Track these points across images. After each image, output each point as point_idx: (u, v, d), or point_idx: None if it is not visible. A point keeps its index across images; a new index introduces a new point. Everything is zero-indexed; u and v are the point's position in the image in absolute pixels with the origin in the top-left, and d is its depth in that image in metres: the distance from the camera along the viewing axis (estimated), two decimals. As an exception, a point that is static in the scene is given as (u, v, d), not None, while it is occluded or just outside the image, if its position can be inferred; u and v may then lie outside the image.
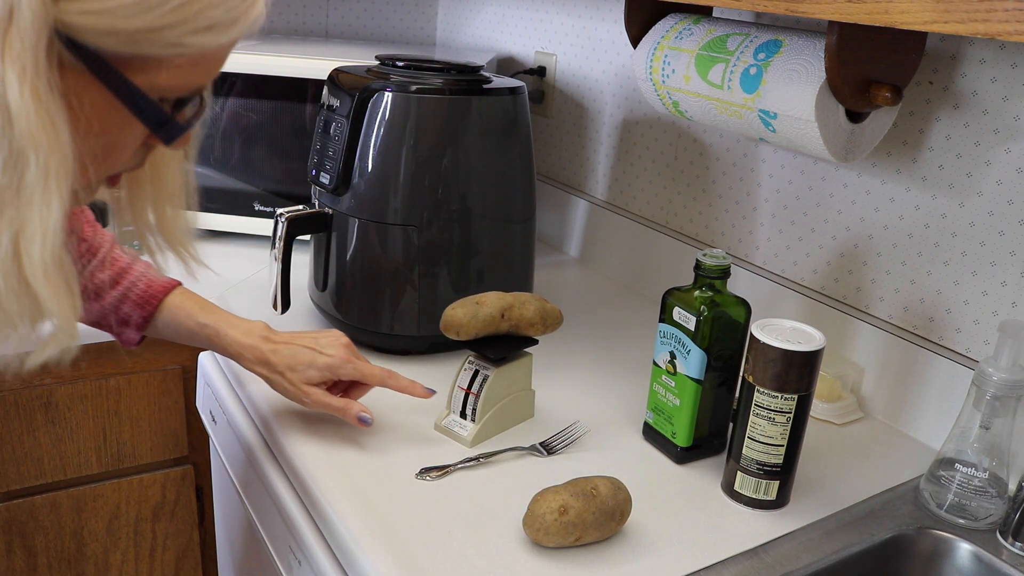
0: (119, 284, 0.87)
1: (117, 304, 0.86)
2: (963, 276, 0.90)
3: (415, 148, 0.99)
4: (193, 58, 0.51)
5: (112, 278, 0.86)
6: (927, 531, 0.78)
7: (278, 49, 1.38)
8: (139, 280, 0.87)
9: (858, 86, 0.81)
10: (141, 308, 0.87)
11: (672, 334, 0.83)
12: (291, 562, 0.84)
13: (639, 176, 1.33)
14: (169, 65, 0.50)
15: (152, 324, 0.87)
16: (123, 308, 0.86)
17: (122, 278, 0.87)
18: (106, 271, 0.86)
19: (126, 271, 0.87)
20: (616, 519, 0.72)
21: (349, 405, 0.83)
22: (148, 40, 0.48)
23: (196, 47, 0.50)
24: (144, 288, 0.87)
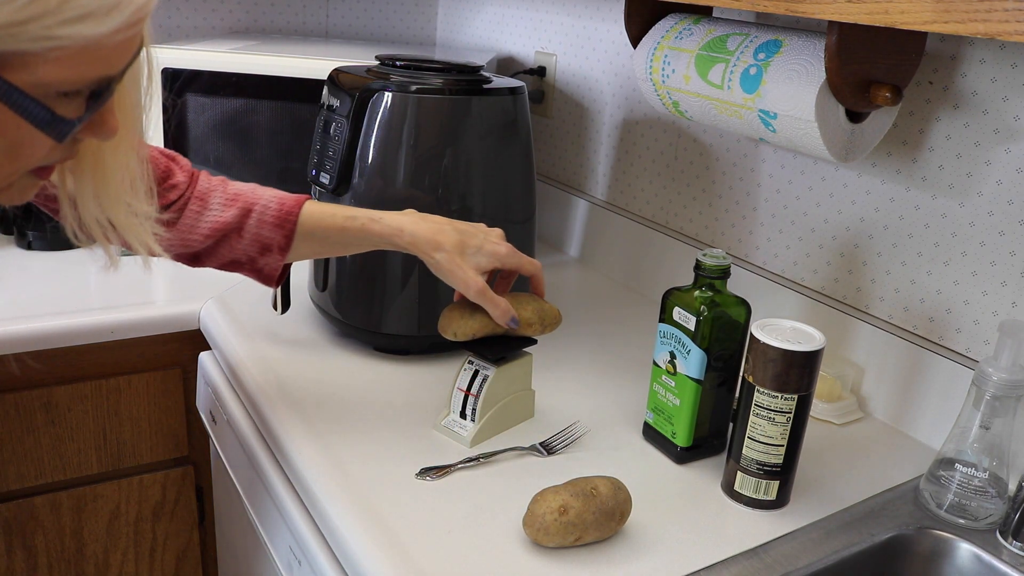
0: (251, 212, 0.83)
1: (255, 232, 0.83)
2: (963, 276, 0.90)
3: (415, 148, 0.99)
4: (75, 50, 0.49)
5: (242, 210, 0.83)
6: (927, 531, 0.78)
7: (278, 49, 1.38)
8: (271, 202, 0.84)
9: (858, 86, 0.81)
10: (280, 227, 0.83)
11: (672, 334, 0.83)
12: (291, 562, 0.84)
13: (639, 176, 1.33)
14: (47, 59, 0.48)
15: (293, 242, 0.84)
16: (262, 233, 0.83)
17: (252, 206, 0.83)
18: (232, 207, 0.83)
19: (253, 199, 0.84)
20: (616, 519, 0.72)
21: (508, 307, 0.82)
22: (12, 35, 0.46)
23: (73, 38, 0.48)
24: (278, 207, 0.84)
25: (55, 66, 0.49)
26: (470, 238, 0.82)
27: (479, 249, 0.82)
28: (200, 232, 0.83)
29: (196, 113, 1.30)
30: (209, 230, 0.83)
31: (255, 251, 0.84)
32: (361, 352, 1.05)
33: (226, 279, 1.23)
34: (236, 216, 0.83)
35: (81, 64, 0.50)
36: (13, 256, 1.29)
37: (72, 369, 1.12)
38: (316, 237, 0.84)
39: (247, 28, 1.72)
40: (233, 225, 0.83)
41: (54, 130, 0.52)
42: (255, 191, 0.85)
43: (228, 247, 0.84)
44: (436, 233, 0.81)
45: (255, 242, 0.84)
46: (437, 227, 0.82)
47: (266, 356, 1.02)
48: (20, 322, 1.06)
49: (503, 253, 0.83)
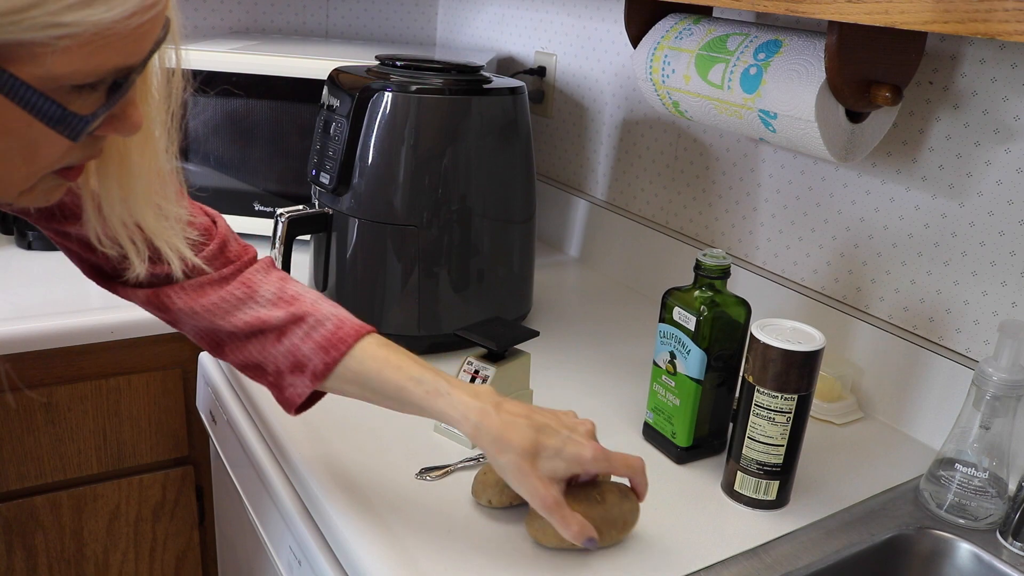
0: (302, 322, 0.70)
1: (296, 344, 0.70)
2: (963, 276, 0.90)
3: (415, 148, 0.99)
4: (86, 38, 0.45)
5: (292, 316, 0.71)
6: (927, 531, 0.78)
7: (278, 49, 1.38)
8: (327, 320, 0.71)
9: (858, 86, 0.81)
10: (325, 352, 0.70)
11: (672, 334, 0.83)
12: (291, 562, 0.84)
13: (639, 176, 1.33)
14: (56, 50, 0.45)
15: (335, 373, 0.70)
16: (302, 350, 0.70)
17: (305, 316, 0.71)
18: (282, 309, 0.71)
19: (310, 310, 0.71)
20: (618, 528, 0.71)
21: (586, 526, 0.66)
22: (14, 24, 0.43)
23: (82, 25, 0.45)
24: (333, 329, 0.70)
25: (65, 57, 0.46)
26: (548, 437, 0.67)
27: (558, 452, 0.67)
28: (236, 320, 0.71)
29: (196, 113, 1.30)
30: (245, 323, 0.71)
31: (286, 365, 0.71)
32: (361, 352, 1.05)
33: (226, 279, 1.23)
34: (283, 319, 0.71)
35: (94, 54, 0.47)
36: (13, 256, 1.29)
37: (72, 369, 1.12)
38: (369, 385, 0.70)
39: (247, 28, 1.72)
40: (275, 326, 0.71)
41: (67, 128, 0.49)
42: (317, 302, 0.72)
43: (259, 347, 0.72)
44: (506, 429, 0.66)
45: (290, 355, 0.71)
46: (510, 421, 0.67)
47: (266, 356, 1.01)
48: (20, 322, 1.06)
49: (587, 458, 0.67)
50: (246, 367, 0.73)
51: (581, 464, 0.67)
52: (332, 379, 0.71)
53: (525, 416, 0.68)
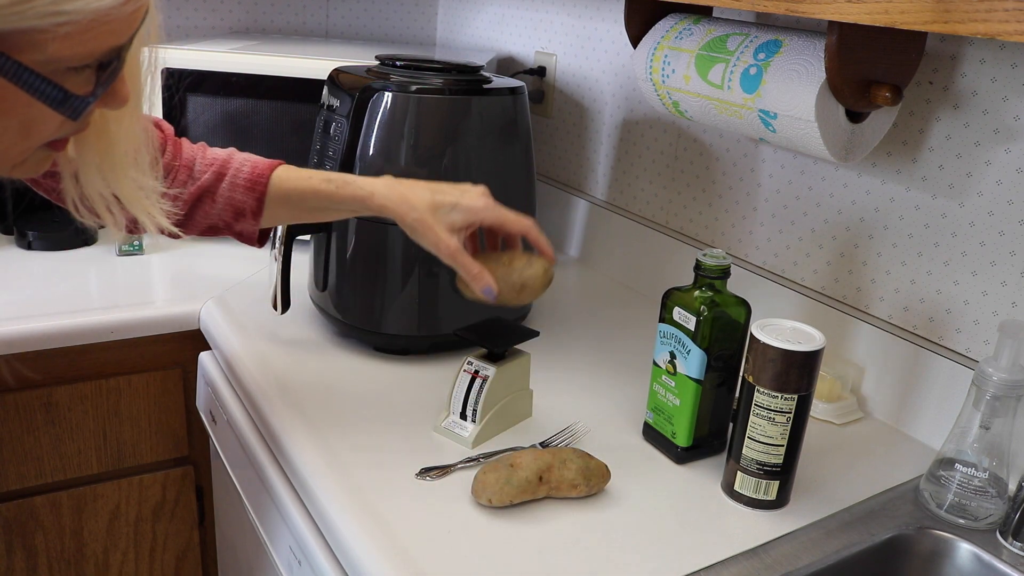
0: (223, 176, 0.82)
1: (228, 196, 0.82)
2: (963, 276, 0.90)
3: (415, 148, 0.99)
4: (85, 24, 0.48)
5: (216, 174, 0.82)
6: (927, 531, 0.78)
7: (278, 49, 1.38)
8: (243, 165, 0.83)
9: (858, 86, 0.81)
10: (251, 190, 0.82)
11: (672, 334, 0.83)
12: (291, 562, 0.84)
13: (639, 176, 1.33)
14: (56, 36, 0.47)
15: (267, 204, 0.82)
16: (235, 197, 0.82)
17: (225, 169, 0.82)
18: (207, 172, 0.82)
19: (227, 162, 0.83)
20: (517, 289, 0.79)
21: (484, 273, 0.77)
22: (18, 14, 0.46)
23: (82, 12, 0.47)
24: (250, 170, 0.82)
25: (65, 42, 0.48)
26: (444, 196, 0.78)
27: (454, 206, 0.78)
28: (182, 199, 0.81)
29: (196, 113, 1.30)
30: (189, 196, 0.82)
31: (229, 216, 0.83)
32: (361, 352, 1.05)
33: (226, 279, 1.23)
34: (210, 180, 0.82)
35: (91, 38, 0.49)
36: (13, 256, 1.29)
37: (72, 369, 1.12)
38: (291, 201, 0.83)
39: (247, 28, 1.72)
40: (207, 188, 0.82)
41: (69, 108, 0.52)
42: (231, 155, 0.84)
43: (203, 212, 0.83)
44: (408, 192, 0.78)
45: (228, 206, 0.82)
46: (409, 188, 0.79)
47: (266, 356, 1.02)
48: (20, 322, 1.06)
49: (480, 207, 0.78)
50: (205, 231, 0.84)
51: (475, 213, 0.78)
52: (267, 213, 0.83)
53: (423, 184, 0.79)
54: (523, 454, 0.77)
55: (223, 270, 1.27)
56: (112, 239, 1.34)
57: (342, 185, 0.80)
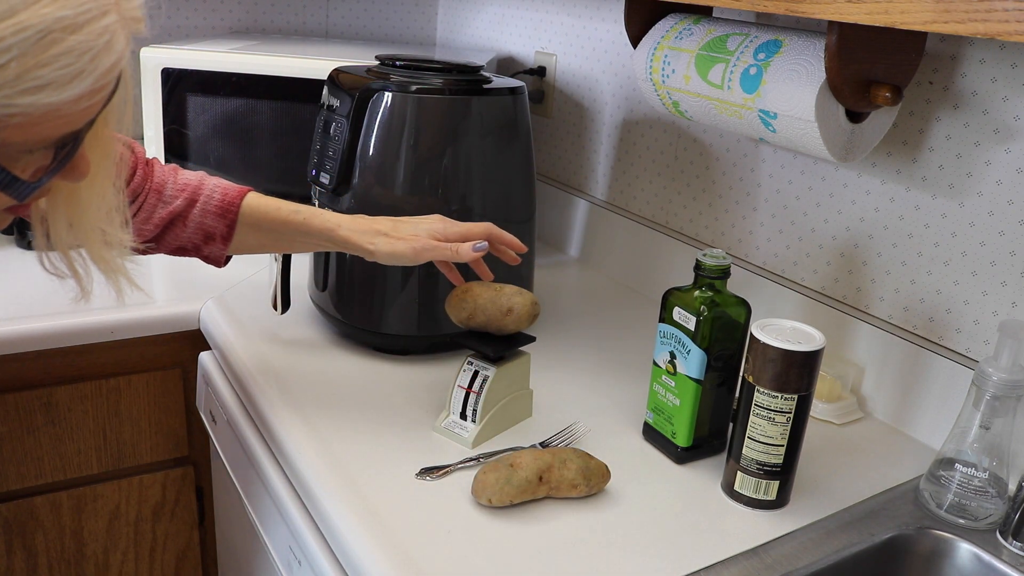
0: (196, 202, 0.85)
1: (199, 222, 0.85)
2: (963, 276, 0.90)
3: (415, 148, 0.99)
4: (37, 116, 0.48)
5: (188, 200, 0.84)
6: (927, 531, 0.78)
7: (278, 49, 1.38)
8: (214, 192, 0.85)
9: (858, 86, 0.81)
10: (223, 217, 0.85)
11: (672, 334, 0.83)
12: (291, 562, 0.84)
13: (639, 176, 1.33)
14: (7, 125, 0.48)
15: (237, 231, 0.86)
16: (206, 223, 0.85)
17: (197, 195, 0.85)
18: (180, 197, 0.84)
19: (199, 188, 0.86)
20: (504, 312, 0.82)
21: (458, 245, 0.82)
22: None
23: (35, 106, 0.47)
24: (221, 197, 0.85)
25: (16, 130, 0.48)
26: (403, 223, 0.84)
27: (415, 225, 0.83)
28: (152, 222, 0.84)
29: (196, 113, 1.30)
30: (159, 220, 0.84)
31: (199, 239, 0.85)
32: (361, 352, 1.05)
33: (226, 279, 1.23)
34: (182, 205, 0.84)
35: (44, 127, 0.50)
36: (13, 256, 1.29)
37: (72, 369, 1.12)
38: (262, 229, 0.86)
39: (247, 28, 1.72)
40: (179, 213, 0.84)
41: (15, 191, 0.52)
42: (202, 180, 0.86)
43: (174, 235, 0.85)
44: (372, 223, 0.83)
45: (199, 230, 0.85)
46: (372, 218, 0.84)
47: (266, 356, 1.02)
48: (20, 322, 1.06)
49: (439, 228, 0.83)
50: (175, 251, 0.87)
51: (436, 231, 0.83)
52: (236, 238, 0.86)
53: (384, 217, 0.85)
54: (523, 454, 0.77)
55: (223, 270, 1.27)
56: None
57: (309, 217, 0.84)
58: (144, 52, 1.28)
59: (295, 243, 0.87)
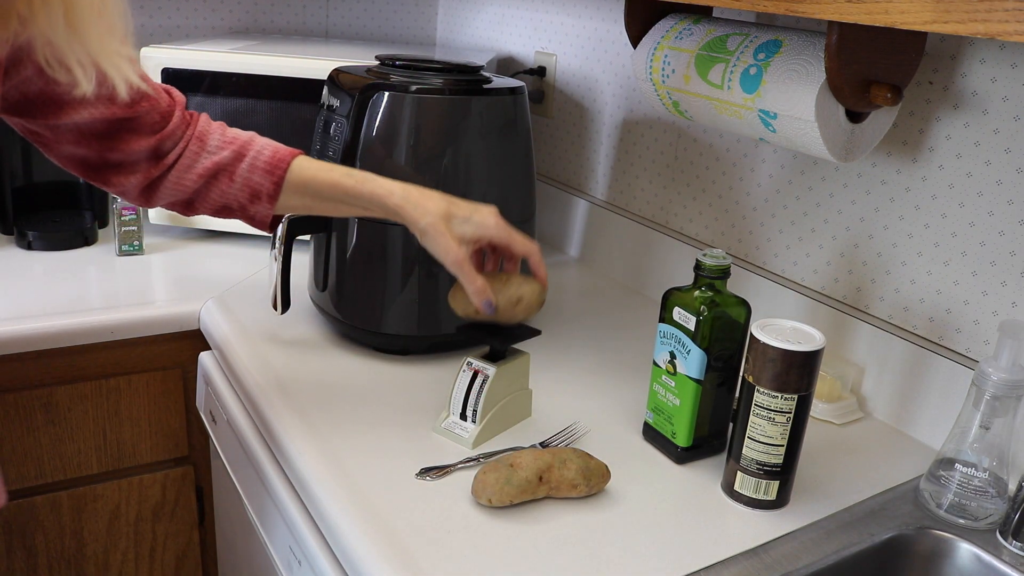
0: (244, 156, 0.82)
1: (246, 177, 0.82)
2: (963, 276, 0.90)
3: (415, 148, 0.99)
4: None
5: (235, 153, 0.82)
6: (927, 531, 0.78)
7: (278, 49, 1.38)
8: (264, 148, 0.83)
9: (858, 86, 0.81)
10: (270, 173, 0.82)
11: (672, 334, 0.83)
12: (291, 562, 0.84)
13: (639, 176, 1.33)
14: None
15: (284, 190, 0.83)
16: (252, 179, 0.82)
17: (246, 150, 0.83)
18: (227, 149, 0.83)
19: (248, 144, 0.83)
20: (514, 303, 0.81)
21: (486, 287, 0.79)
22: None
23: None
24: (271, 154, 0.83)
25: None
26: (458, 207, 0.81)
27: (467, 219, 0.80)
28: (195, 172, 0.82)
29: (196, 113, 1.30)
30: (203, 170, 0.82)
31: (245, 197, 0.83)
32: (361, 352, 1.05)
33: (226, 279, 1.23)
34: (229, 158, 0.82)
35: None
36: (13, 256, 1.29)
37: (72, 369, 1.12)
38: (309, 190, 0.83)
39: (247, 28, 1.72)
40: (225, 166, 0.82)
41: None
42: (253, 138, 0.85)
43: (219, 190, 0.83)
44: (425, 198, 0.80)
45: (245, 187, 0.83)
46: (427, 193, 0.81)
47: (266, 356, 1.02)
48: (20, 322, 1.06)
49: (491, 224, 0.81)
50: (216, 211, 0.84)
51: (486, 229, 0.80)
52: (282, 198, 0.83)
53: (440, 194, 0.81)
54: (523, 454, 0.77)
55: (223, 270, 1.27)
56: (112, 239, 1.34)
57: (362, 181, 0.82)
58: (144, 52, 1.28)
59: (342, 206, 0.85)
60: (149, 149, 0.80)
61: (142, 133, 0.79)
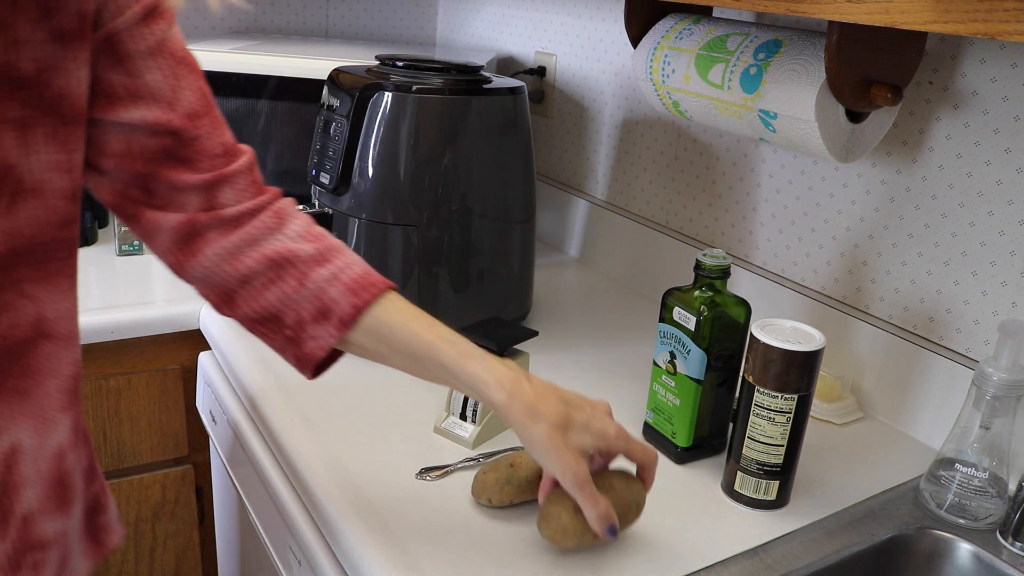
0: (327, 262, 0.65)
1: (322, 287, 0.65)
2: (963, 276, 0.90)
3: (415, 148, 0.99)
4: None
5: (318, 253, 0.65)
6: (927, 531, 0.78)
7: (278, 49, 1.38)
8: (354, 264, 0.66)
9: (858, 86, 0.81)
10: (354, 295, 0.65)
11: (672, 334, 0.83)
12: (291, 562, 0.84)
13: (639, 176, 1.33)
14: None
15: (361, 322, 0.65)
16: (329, 293, 0.64)
17: (332, 256, 0.66)
18: (310, 243, 0.66)
19: (335, 250, 0.67)
20: (631, 514, 0.70)
21: (608, 511, 0.65)
22: None
23: None
24: (361, 273, 0.66)
25: None
26: (577, 411, 0.66)
27: (586, 426, 0.65)
28: (259, 252, 0.65)
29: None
30: (272, 252, 0.65)
31: (309, 312, 0.65)
32: (361, 352, 1.05)
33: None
34: (310, 254, 0.65)
35: None
36: (13, 256, 1.28)
37: (72, 369, 1.12)
38: (394, 339, 0.65)
39: (247, 28, 1.72)
40: (300, 261, 0.65)
41: None
42: (343, 247, 0.69)
43: (279, 290, 0.65)
44: (539, 400, 0.64)
45: (315, 299, 0.65)
46: (541, 392, 0.65)
47: (266, 356, 1.02)
48: (20, 322, 1.06)
49: (611, 434, 0.66)
50: (262, 320, 0.66)
51: (606, 440, 0.66)
52: (356, 330, 0.65)
53: (553, 390, 0.66)
54: (523, 454, 0.77)
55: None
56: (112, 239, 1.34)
57: (465, 355, 0.65)
58: (144, 52, 1.28)
59: (426, 372, 0.67)
60: (202, 184, 0.63)
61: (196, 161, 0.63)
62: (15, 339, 0.58)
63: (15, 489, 0.61)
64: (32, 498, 0.63)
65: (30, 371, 0.60)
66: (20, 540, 0.63)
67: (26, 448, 0.61)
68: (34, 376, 0.60)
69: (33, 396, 0.61)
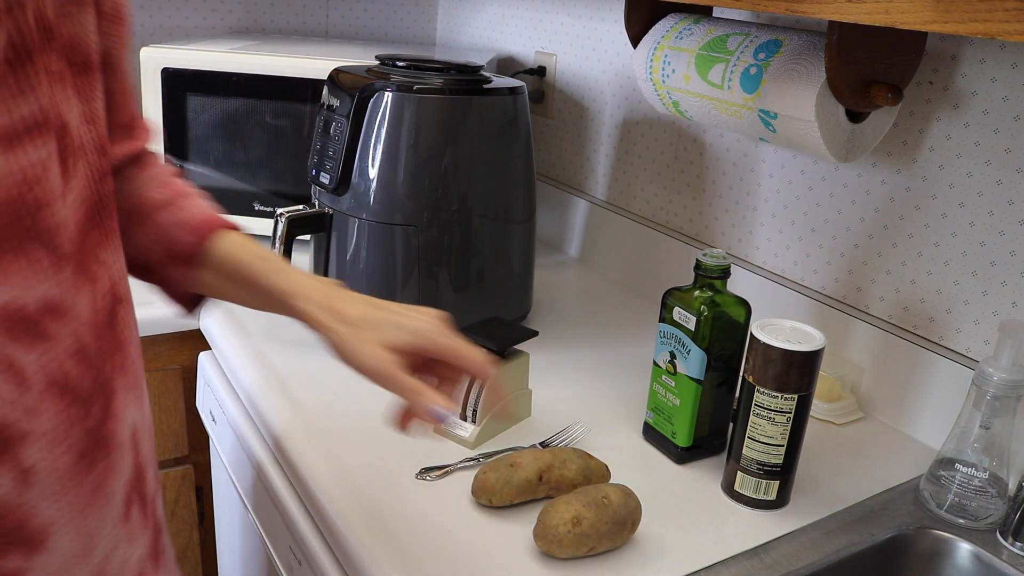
0: (173, 205, 0.70)
1: (168, 229, 0.68)
2: (963, 276, 0.90)
3: (415, 148, 0.99)
4: None
5: (167, 198, 0.70)
6: (927, 531, 0.78)
7: (278, 49, 1.38)
8: (199, 208, 0.70)
9: (858, 86, 0.81)
10: (195, 233, 0.68)
11: (672, 334, 0.83)
12: (291, 562, 0.84)
13: (639, 176, 1.33)
14: None
15: (205, 256, 0.68)
16: (174, 233, 0.68)
17: (180, 200, 0.70)
18: (159, 190, 0.70)
19: (184, 195, 0.71)
20: (628, 528, 0.71)
21: (424, 390, 0.59)
22: None
23: None
24: (204, 216, 0.70)
25: None
26: (387, 312, 0.63)
27: (397, 324, 0.62)
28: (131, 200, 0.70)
29: (196, 113, 1.30)
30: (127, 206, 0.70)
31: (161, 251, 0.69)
32: (361, 352, 1.05)
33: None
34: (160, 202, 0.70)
35: None
36: (13, 256, 1.28)
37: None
38: (224, 264, 0.68)
39: (247, 28, 1.72)
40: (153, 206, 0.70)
41: None
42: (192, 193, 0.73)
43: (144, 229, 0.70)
44: (339, 300, 0.63)
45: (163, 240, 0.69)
46: (345, 295, 0.64)
47: (266, 356, 1.02)
48: (20, 322, 1.06)
49: (428, 329, 0.62)
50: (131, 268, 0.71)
51: (421, 336, 0.62)
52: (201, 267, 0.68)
53: (364, 298, 0.64)
54: (523, 454, 0.77)
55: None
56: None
57: (274, 271, 0.66)
58: (144, 52, 1.28)
59: (252, 296, 0.68)
60: None
61: None
62: (106, 311, 0.55)
63: (143, 471, 0.58)
64: (152, 478, 0.60)
65: (121, 342, 0.57)
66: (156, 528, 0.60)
67: (139, 425, 0.58)
68: (124, 347, 0.58)
69: (128, 369, 0.58)
